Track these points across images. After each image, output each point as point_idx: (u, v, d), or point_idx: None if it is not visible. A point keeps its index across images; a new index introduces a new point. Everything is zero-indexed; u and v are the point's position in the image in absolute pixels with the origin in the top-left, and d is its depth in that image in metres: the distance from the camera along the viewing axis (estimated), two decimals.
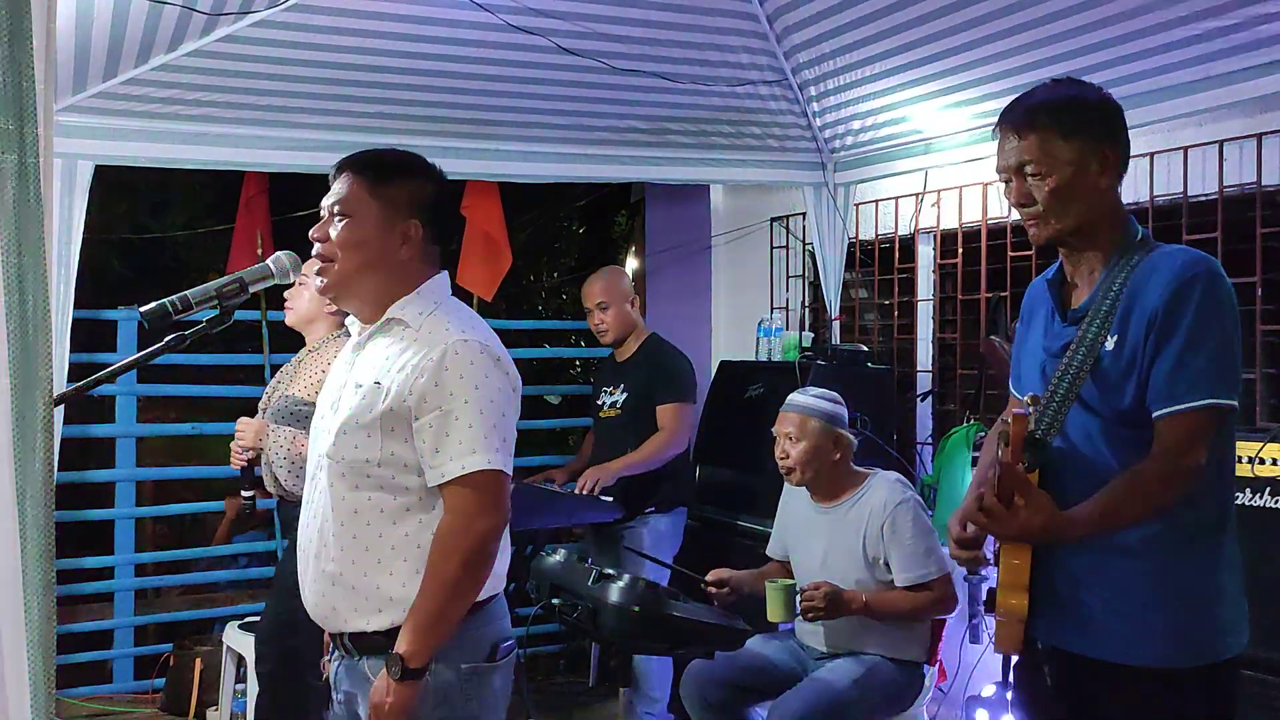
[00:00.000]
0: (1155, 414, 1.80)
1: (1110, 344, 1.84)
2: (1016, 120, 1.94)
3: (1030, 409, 1.81)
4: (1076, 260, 1.97)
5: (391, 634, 1.87)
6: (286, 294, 3.30)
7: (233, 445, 3.22)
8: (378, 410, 1.89)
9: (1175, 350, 1.78)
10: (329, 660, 2.09)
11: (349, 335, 2.96)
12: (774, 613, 3.06)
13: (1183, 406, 1.78)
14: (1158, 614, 1.82)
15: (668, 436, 3.98)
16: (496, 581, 1.99)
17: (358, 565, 1.91)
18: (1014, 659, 2.07)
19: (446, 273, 2.07)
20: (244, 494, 3.26)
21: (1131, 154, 1.99)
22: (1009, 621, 1.90)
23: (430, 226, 2.00)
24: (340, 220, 1.96)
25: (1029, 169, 1.91)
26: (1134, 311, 1.83)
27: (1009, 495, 1.78)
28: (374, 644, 1.92)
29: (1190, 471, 1.79)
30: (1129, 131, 1.97)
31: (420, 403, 1.87)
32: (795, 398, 3.26)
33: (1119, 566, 1.85)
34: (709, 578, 3.20)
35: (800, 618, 3.04)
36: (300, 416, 3.13)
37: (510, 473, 1.92)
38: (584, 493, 3.83)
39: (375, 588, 1.90)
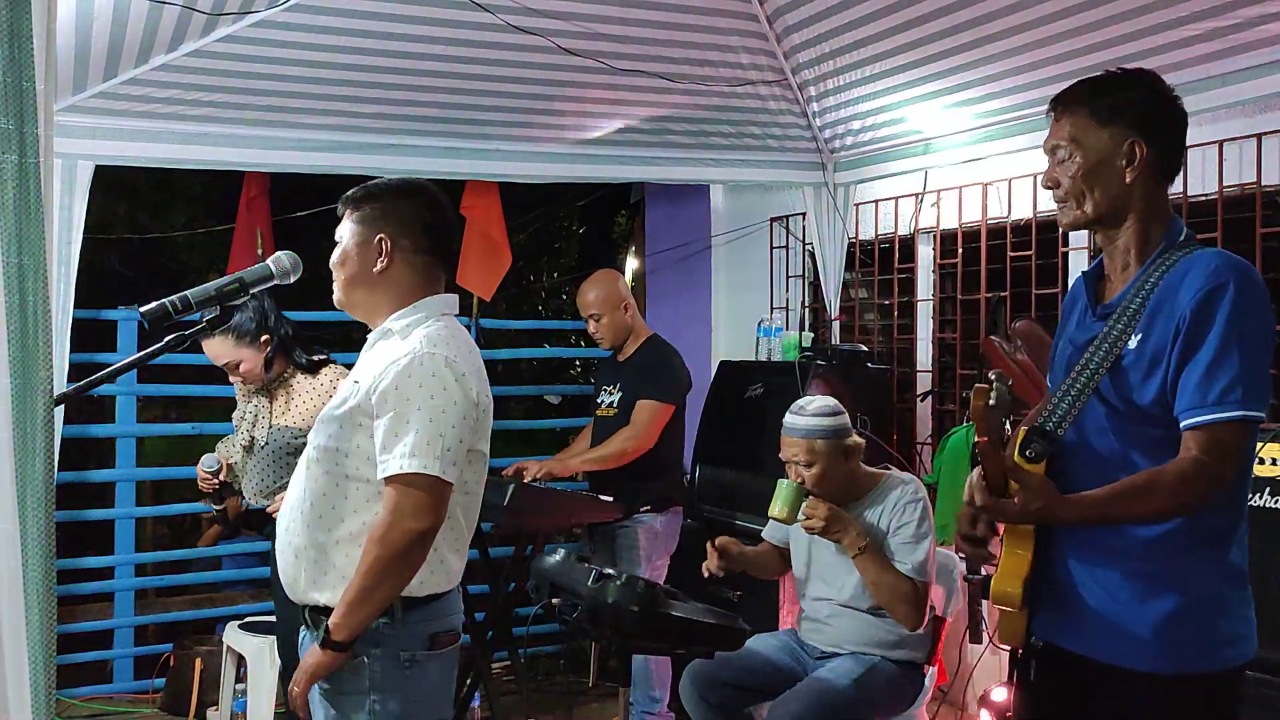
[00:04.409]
0: (1183, 424, 1.76)
1: (1133, 343, 1.81)
2: (1058, 102, 1.94)
3: (994, 383, 1.75)
4: (1112, 253, 1.95)
5: None
6: (233, 375, 3.26)
7: (200, 471, 3.35)
8: (349, 405, 2.06)
9: (1204, 359, 1.74)
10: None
11: (304, 369, 3.27)
12: (777, 508, 3.06)
13: (1212, 418, 1.73)
14: (1152, 619, 1.80)
15: (632, 431, 3.91)
16: (446, 579, 2.11)
17: (318, 543, 2.06)
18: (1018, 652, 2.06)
19: (453, 295, 2.21)
20: (217, 507, 3.43)
21: None
22: (1005, 611, 1.88)
23: (407, 238, 2.13)
24: (337, 246, 2.17)
25: (1059, 152, 1.91)
26: (1161, 313, 1.80)
27: (999, 485, 1.77)
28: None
29: (1215, 482, 1.74)
30: (1177, 136, 1.93)
31: (381, 403, 2.01)
32: (796, 420, 3.13)
33: (1118, 568, 1.83)
34: (718, 540, 3.15)
35: (799, 522, 3.06)
36: (289, 450, 3.20)
37: (451, 481, 2.01)
38: (534, 479, 3.87)
39: (332, 565, 2.05)
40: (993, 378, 1.77)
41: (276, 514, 3.16)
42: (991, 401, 1.72)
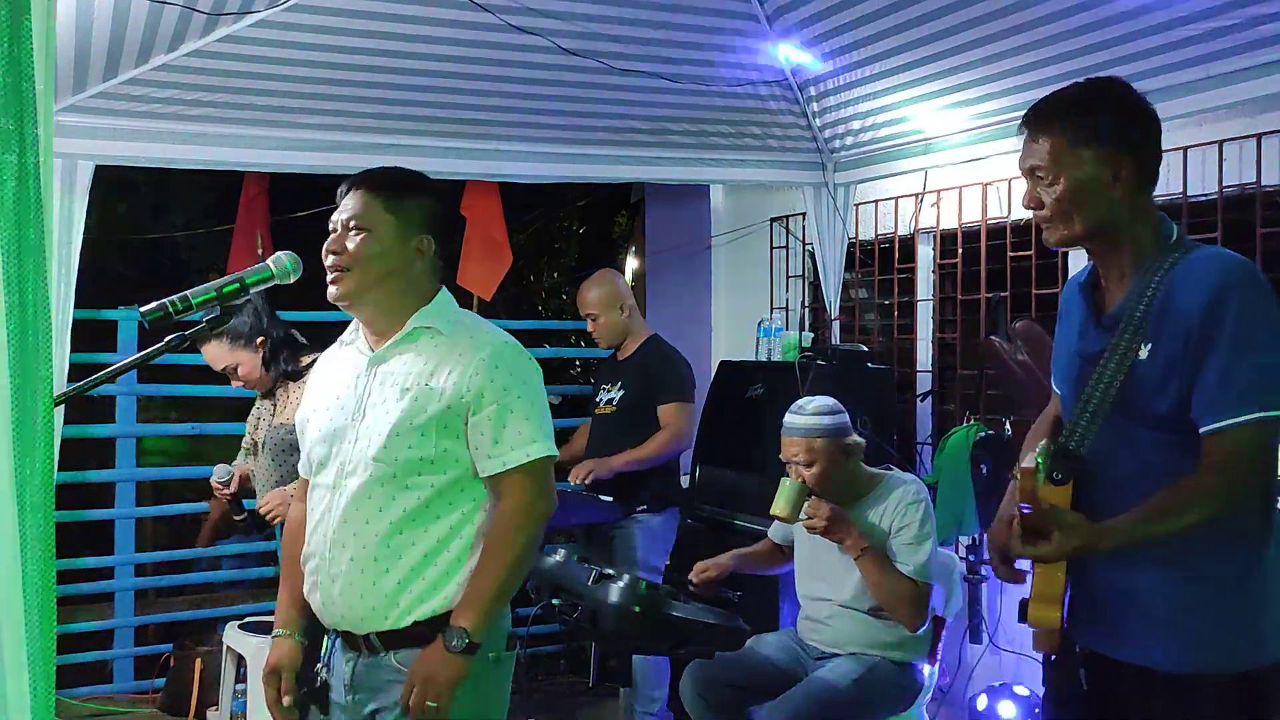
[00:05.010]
0: (1203, 429, 1.75)
1: (1144, 352, 1.80)
2: (1030, 122, 1.91)
3: (1039, 459, 1.75)
4: (1105, 263, 1.93)
5: (430, 623, 1.98)
6: (234, 380, 3.27)
7: (213, 483, 3.36)
8: (432, 411, 1.99)
9: (1219, 363, 1.73)
10: (321, 666, 2.12)
11: (289, 376, 3.13)
12: (779, 507, 3.06)
13: (1232, 422, 1.72)
14: (1190, 620, 1.79)
15: (671, 434, 3.97)
16: None
17: (405, 560, 1.99)
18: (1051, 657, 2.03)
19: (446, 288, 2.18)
20: (237, 518, 3.46)
21: None
22: (1044, 630, 1.87)
23: (439, 242, 2.11)
24: (357, 234, 2.03)
25: (1038, 172, 1.88)
26: (1168, 318, 1.78)
27: (1035, 530, 1.76)
28: (404, 636, 2.00)
29: (1242, 486, 1.74)
30: (1157, 142, 1.90)
31: (478, 399, 1.99)
32: (796, 420, 3.14)
33: (1153, 571, 1.82)
34: (695, 578, 3.18)
35: (800, 521, 3.05)
36: (285, 447, 3.20)
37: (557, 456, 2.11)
38: (576, 481, 3.86)
39: (421, 579, 1.99)
40: (1040, 460, 1.74)
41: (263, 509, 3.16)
42: (1041, 482, 1.72)
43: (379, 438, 1.99)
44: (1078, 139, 1.85)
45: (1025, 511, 1.77)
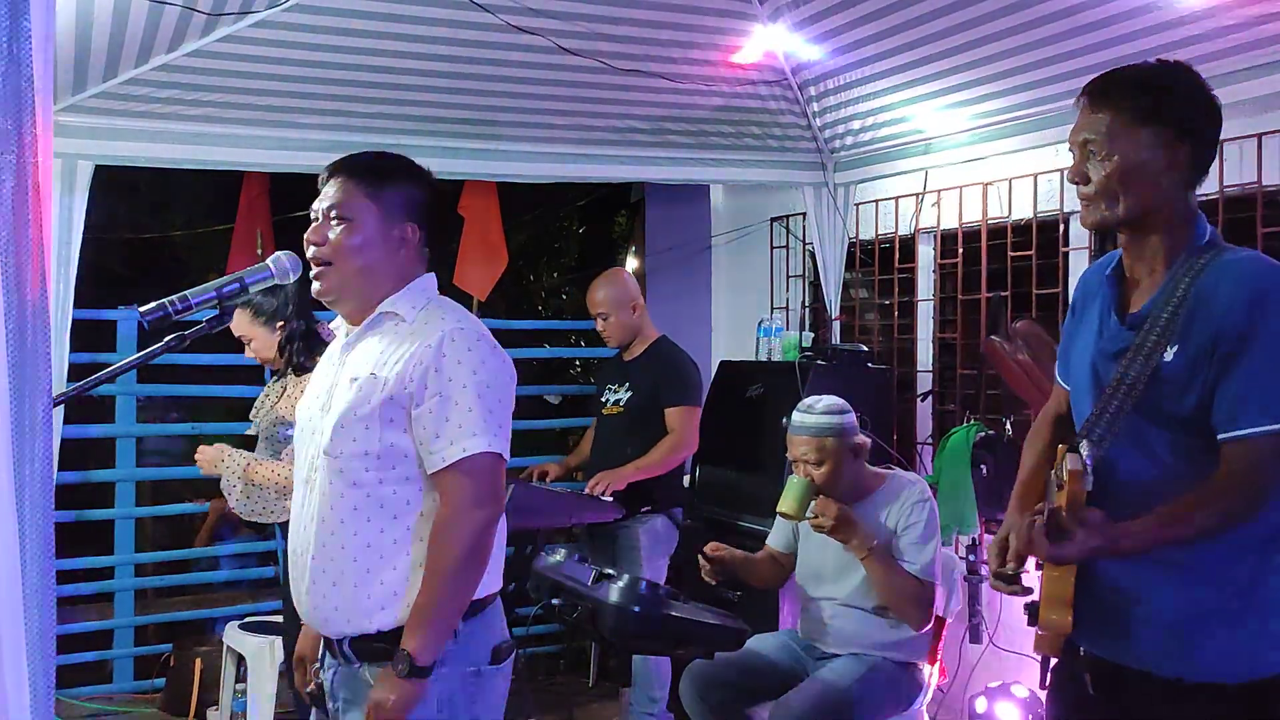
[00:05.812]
0: (1222, 436, 1.72)
1: (1170, 354, 1.75)
2: (1093, 93, 1.83)
3: (1088, 466, 1.72)
4: (1136, 255, 1.87)
5: (394, 635, 1.88)
6: (249, 348, 3.27)
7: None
8: (375, 401, 1.89)
9: (1246, 371, 1.69)
10: (320, 668, 2.07)
11: (295, 370, 3.00)
12: (786, 504, 3.04)
13: (1253, 431, 1.69)
14: (1203, 626, 1.76)
15: (678, 439, 3.97)
16: (493, 580, 1.99)
17: (359, 563, 1.90)
18: (1051, 661, 1.99)
19: (433, 273, 2.07)
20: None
21: None
22: (1054, 633, 1.82)
23: (425, 230, 2.01)
24: (338, 224, 1.95)
25: (1091, 146, 1.81)
26: (1197, 320, 1.74)
27: (1059, 532, 1.72)
28: (375, 649, 1.91)
29: (1260, 494, 1.71)
30: (1216, 135, 1.83)
31: (420, 389, 1.87)
32: (805, 419, 3.13)
33: (1164, 577, 1.78)
34: (708, 549, 3.16)
35: (807, 520, 3.04)
36: (278, 438, 3.19)
37: (507, 456, 1.93)
38: (594, 494, 3.82)
39: (379, 584, 1.89)
40: (1087, 461, 1.70)
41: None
42: (1088, 488, 1.69)
43: (326, 432, 1.92)
44: (1138, 116, 1.78)
45: (1054, 510, 1.73)
